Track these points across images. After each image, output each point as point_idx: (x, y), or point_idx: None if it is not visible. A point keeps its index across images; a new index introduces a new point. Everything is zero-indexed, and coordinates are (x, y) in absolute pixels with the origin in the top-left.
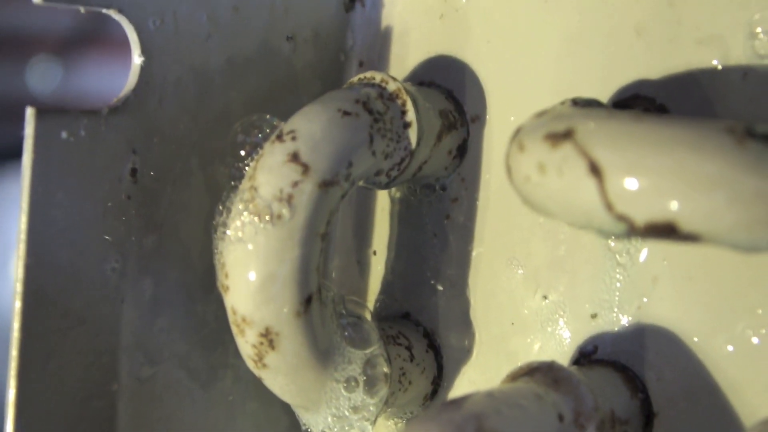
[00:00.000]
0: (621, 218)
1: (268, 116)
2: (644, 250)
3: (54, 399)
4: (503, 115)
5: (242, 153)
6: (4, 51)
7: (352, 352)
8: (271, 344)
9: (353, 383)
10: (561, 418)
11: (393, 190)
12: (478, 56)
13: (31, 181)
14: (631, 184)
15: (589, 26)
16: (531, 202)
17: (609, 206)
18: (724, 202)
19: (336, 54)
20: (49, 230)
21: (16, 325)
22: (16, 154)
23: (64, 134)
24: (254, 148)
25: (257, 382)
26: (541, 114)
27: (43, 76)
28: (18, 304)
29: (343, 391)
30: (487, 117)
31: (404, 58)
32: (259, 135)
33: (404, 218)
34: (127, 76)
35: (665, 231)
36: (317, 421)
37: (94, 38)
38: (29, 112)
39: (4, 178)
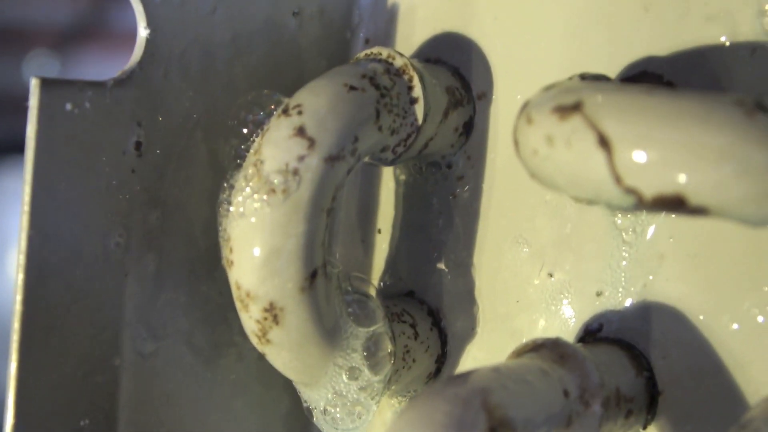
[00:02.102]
0: (629, 191)
1: (267, 92)
2: (650, 228)
3: (56, 372)
4: (510, 92)
5: (245, 131)
6: (2, 45)
7: (357, 329)
8: (275, 319)
9: (357, 360)
10: (566, 393)
11: (398, 167)
12: (485, 33)
13: (35, 152)
14: (639, 156)
15: (596, 3)
16: (539, 175)
17: (618, 179)
18: (733, 175)
19: (342, 31)
20: (53, 203)
21: (18, 298)
22: (13, 148)
23: (68, 106)
24: (258, 126)
25: (260, 362)
26: (549, 87)
27: (40, 71)
28: (21, 277)
29: (347, 368)
30: (494, 94)
31: (410, 36)
32: (261, 113)
33: (409, 196)
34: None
35: (674, 204)
36: (319, 399)
37: (91, 32)
38: (34, 83)
39: (3, 172)
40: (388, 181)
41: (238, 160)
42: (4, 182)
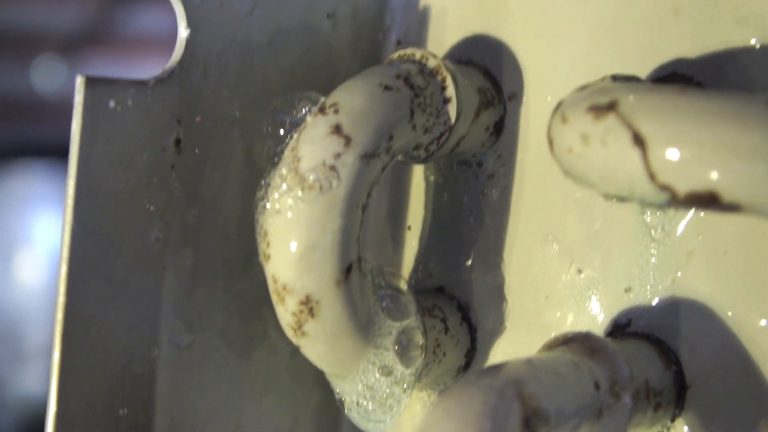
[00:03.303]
0: (664, 188)
1: (300, 93)
2: (679, 225)
3: (96, 362)
4: (540, 93)
5: (281, 132)
6: (9, 49)
7: (390, 323)
8: (311, 312)
9: (390, 353)
10: (597, 386)
11: (429, 166)
12: (515, 35)
13: (79, 147)
14: (673, 154)
15: (626, 6)
16: (573, 173)
17: (652, 176)
18: (765, 173)
19: (374, 33)
20: (95, 198)
21: (61, 290)
22: (22, 152)
23: (112, 103)
24: (293, 127)
25: (292, 355)
26: (582, 88)
27: (47, 75)
28: (64, 269)
29: (379, 360)
30: (524, 95)
31: (442, 38)
32: (297, 115)
33: (440, 194)
34: (132, 75)
35: (707, 201)
36: (352, 390)
37: (99, 37)
38: (79, 80)
39: (11, 175)
40: (419, 178)
41: (276, 159)
42: (13, 185)
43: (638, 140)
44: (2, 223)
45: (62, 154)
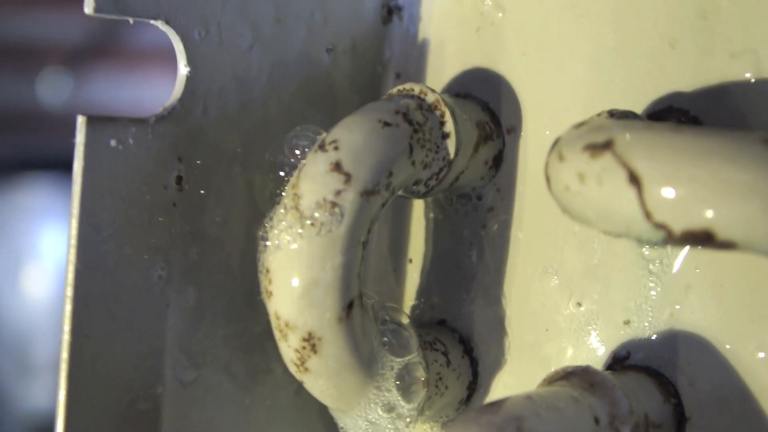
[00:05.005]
0: (659, 227)
1: (299, 128)
2: (677, 259)
3: (102, 400)
4: (538, 127)
5: (281, 174)
6: (15, 62)
7: (392, 358)
8: (314, 349)
9: (392, 388)
10: (597, 420)
11: (429, 199)
12: (514, 69)
13: (81, 187)
14: (669, 193)
15: (623, 39)
16: (570, 210)
17: (648, 215)
18: (760, 211)
19: (373, 66)
20: (98, 236)
21: (66, 328)
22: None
23: (113, 142)
24: (293, 168)
25: (296, 389)
26: (579, 125)
27: (53, 88)
28: (68, 308)
29: (381, 395)
30: (523, 129)
31: (440, 71)
32: (298, 154)
33: (440, 227)
34: (137, 88)
35: (702, 239)
36: (355, 425)
37: (104, 50)
38: (80, 120)
39: (16, 188)
40: (419, 212)
41: (277, 198)
42: (19, 198)
43: (634, 179)
44: (8, 236)
45: (67, 167)
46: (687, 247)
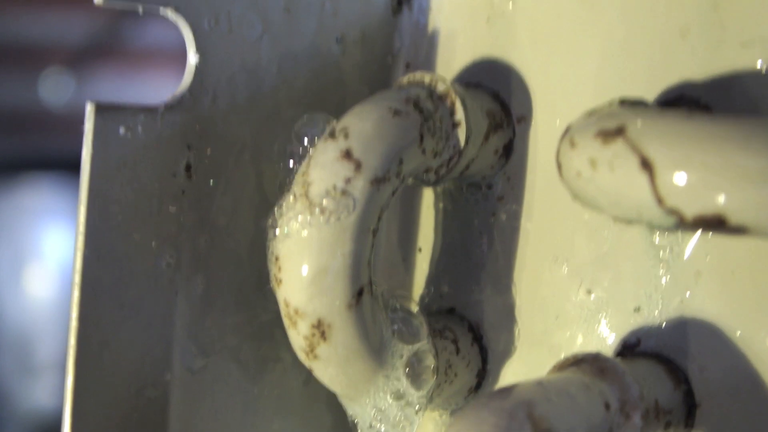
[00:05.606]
0: (671, 212)
1: (309, 115)
2: (688, 246)
3: (110, 387)
4: (549, 116)
5: (291, 163)
6: (18, 63)
7: (401, 345)
8: (323, 335)
9: (401, 376)
10: (607, 406)
11: (439, 189)
12: (524, 59)
13: (90, 174)
14: (681, 178)
15: (633, 29)
16: (581, 197)
17: (660, 200)
18: None
19: (383, 56)
20: (107, 224)
21: (74, 315)
22: (30, 165)
23: (121, 130)
24: (302, 158)
25: (305, 378)
26: (591, 113)
27: (55, 88)
28: (76, 294)
29: (391, 383)
30: (533, 118)
31: (450, 61)
32: (307, 143)
33: (450, 216)
34: (140, 88)
35: (714, 224)
36: (364, 412)
37: (106, 50)
38: (89, 108)
39: (20, 189)
40: (429, 201)
41: (286, 187)
42: (22, 198)
43: (646, 165)
44: (12, 236)
45: (71, 167)
46: (697, 235)
